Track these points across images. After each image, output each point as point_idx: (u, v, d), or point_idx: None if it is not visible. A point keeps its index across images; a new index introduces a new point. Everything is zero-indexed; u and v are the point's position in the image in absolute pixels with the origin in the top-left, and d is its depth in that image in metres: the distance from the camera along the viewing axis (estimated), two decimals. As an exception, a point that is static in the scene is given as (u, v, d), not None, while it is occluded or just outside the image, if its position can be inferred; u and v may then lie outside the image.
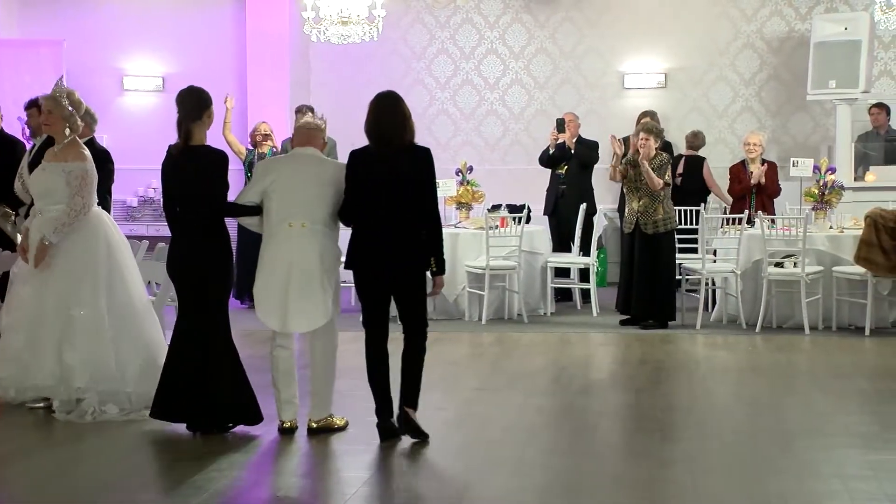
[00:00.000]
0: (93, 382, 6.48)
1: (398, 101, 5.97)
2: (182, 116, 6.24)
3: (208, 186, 6.19)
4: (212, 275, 6.19)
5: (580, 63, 13.68)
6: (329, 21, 11.33)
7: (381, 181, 5.90)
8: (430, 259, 6.01)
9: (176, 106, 6.30)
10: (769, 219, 9.99)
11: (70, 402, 6.51)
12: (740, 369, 8.24)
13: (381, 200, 5.91)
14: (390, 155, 5.90)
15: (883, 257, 9.35)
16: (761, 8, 13.37)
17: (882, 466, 5.44)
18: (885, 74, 13.15)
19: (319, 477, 5.45)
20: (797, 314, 9.75)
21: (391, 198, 5.89)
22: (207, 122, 6.28)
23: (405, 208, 5.90)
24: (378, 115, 5.94)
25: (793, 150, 12.93)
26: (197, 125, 6.23)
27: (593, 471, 5.56)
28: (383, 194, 5.91)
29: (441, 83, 13.95)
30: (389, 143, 5.90)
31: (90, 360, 6.50)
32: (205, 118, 6.25)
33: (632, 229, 9.87)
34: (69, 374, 6.49)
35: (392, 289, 6.08)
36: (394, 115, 5.92)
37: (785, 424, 6.41)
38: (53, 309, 6.55)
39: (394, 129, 5.90)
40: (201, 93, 6.31)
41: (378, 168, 5.91)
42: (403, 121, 5.92)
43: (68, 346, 6.51)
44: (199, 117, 6.23)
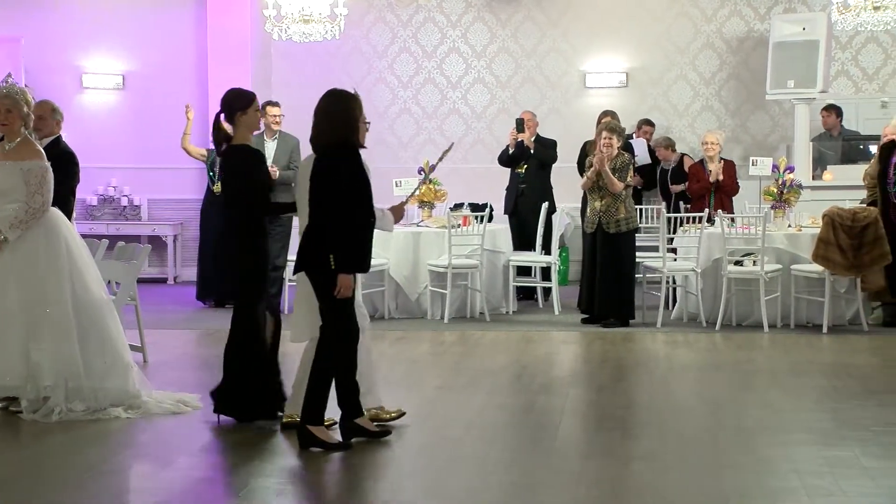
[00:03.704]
0: (60, 380, 6.44)
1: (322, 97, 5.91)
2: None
3: (238, 184, 6.28)
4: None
5: (542, 62, 13.73)
6: (291, 19, 11.31)
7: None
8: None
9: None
10: (729, 217, 10.08)
11: (37, 401, 6.46)
12: (700, 367, 8.31)
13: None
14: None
15: (840, 255, 9.45)
16: (721, 8, 13.49)
17: (838, 462, 5.51)
18: (843, 74, 13.30)
19: (280, 476, 5.44)
20: (756, 312, 9.84)
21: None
22: (241, 119, 6.27)
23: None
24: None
25: (752, 149, 13.06)
26: (234, 125, 6.28)
27: (555, 468, 5.60)
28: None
29: (403, 82, 13.96)
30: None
31: (57, 358, 6.45)
32: (238, 117, 6.27)
33: (594, 229, 9.92)
34: (37, 373, 6.44)
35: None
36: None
37: (744, 421, 6.47)
38: (19, 308, 6.50)
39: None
40: (231, 95, 6.40)
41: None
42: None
43: (35, 345, 6.46)
44: (231, 118, 6.29)
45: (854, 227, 9.44)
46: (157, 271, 13.71)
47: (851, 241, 9.45)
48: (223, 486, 5.26)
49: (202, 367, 8.50)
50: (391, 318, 10.58)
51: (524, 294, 11.57)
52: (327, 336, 5.78)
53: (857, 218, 9.48)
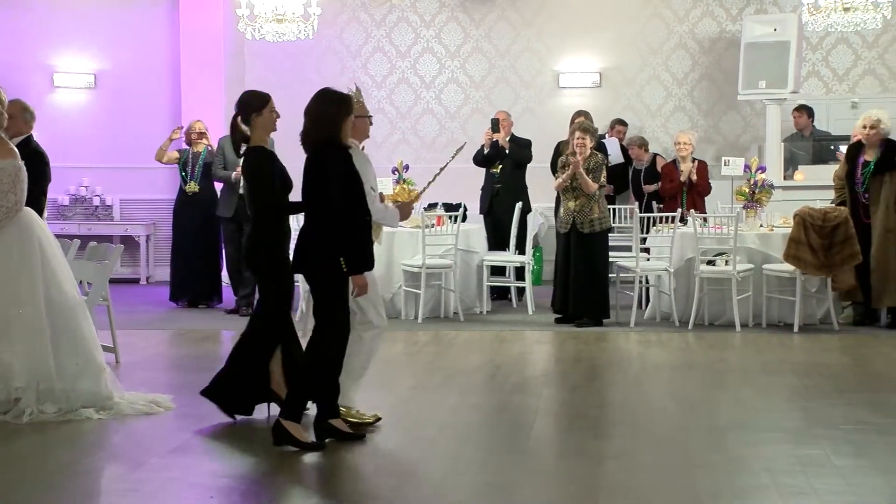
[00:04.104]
0: (32, 382, 6.40)
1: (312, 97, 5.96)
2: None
3: (250, 184, 6.29)
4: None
5: (515, 62, 13.76)
6: (264, 19, 11.29)
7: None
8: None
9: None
10: (701, 217, 10.13)
11: (8, 403, 6.41)
12: (673, 366, 8.34)
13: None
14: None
15: (811, 255, 9.52)
16: (693, 9, 13.55)
17: (809, 461, 5.55)
18: (814, 75, 13.40)
19: (252, 477, 5.42)
20: (728, 311, 9.90)
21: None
22: (257, 120, 6.26)
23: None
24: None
25: (724, 149, 13.14)
26: (249, 127, 6.28)
27: (528, 468, 5.61)
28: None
29: (377, 81, 13.95)
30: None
31: (29, 360, 6.41)
32: (253, 119, 6.26)
33: (568, 229, 9.95)
34: (8, 374, 6.39)
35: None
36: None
37: (716, 420, 6.51)
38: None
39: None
40: (246, 96, 6.39)
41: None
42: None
43: (7, 346, 6.41)
44: (246, 120, 6.28)
45: (825, 227, 9.51)
46: (129, 271, 13.64)
47: (822, 240, 9.52)
48: (195, 487, 5.24)
49: (175, 367, 8.47)
50: (365, 318, 10.54)
51: (498, 294, 11.60)
52: (326, 336, 5.79)
53: (828, 218, 9.55)
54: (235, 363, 6.43)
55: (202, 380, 7.73)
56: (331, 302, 5.79)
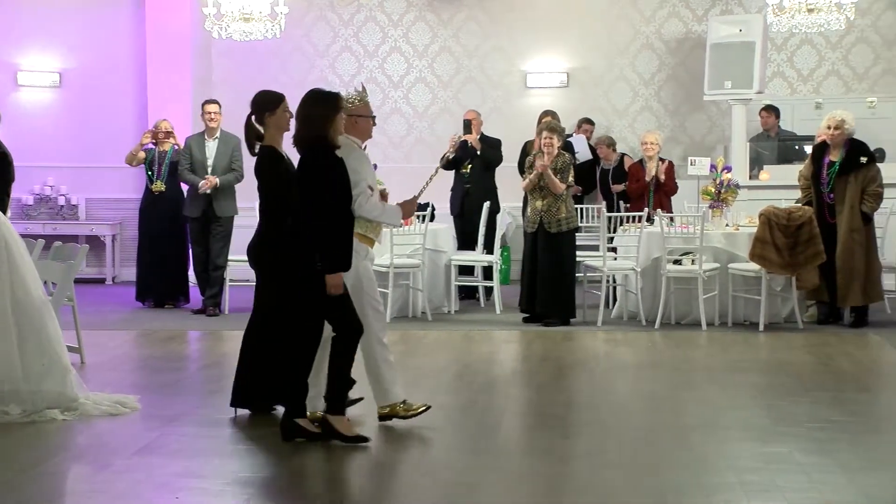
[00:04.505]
0: (-3, 382, 6.35)
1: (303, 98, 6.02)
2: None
3: (260, 183, 6.31)
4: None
5: (483, 62, 13.78)
6: (231, 18, 11.24)
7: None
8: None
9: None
10: (668, 217, 10.18)
11: (-27, 405, 6.36)
12: (640, 365, 8.39)
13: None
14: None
15: (776, 254, 9.59)
16: (659, 9, 13.62)
17: (774, 459, 5.60)
18: (778, 76, 13.50)
19: (219, 478, 5.40)
20: (695, 310, 9.95)
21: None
22: (270, 120, 6.27)
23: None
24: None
25: (690, 149, 13.21)
26: (263, 126, 6.30)
27: (495, 467, 5.62)
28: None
29: (345, 81, 13.88)
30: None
31: (-4, 360, 6.36)
32: (266, 118, 6.28)
33: (535, 228, 9.97)
34: (-26, 375, 6.34)
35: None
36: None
37: (682, 419, 6.55)
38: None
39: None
40: (259, 95, 6.44)
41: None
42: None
43: (-27, 347, 6.36)
44: (260, 119, 6.30)
45: (790, 227, 9.59)
46: (95, 271, 13.54)
47: (787, 239, 9.59)
48: (161, 488, 5.22)
49: (141, 367, 8.43)
50: (333, 317, 10.53)
51: (466, 293, 11.60)
52: (339, 332, 5.90)
53: (793, 217, 9.62)
54: (242, 360, 6.52)
55: (168, 380, 7.73)
56: (334, 301, 5.85)
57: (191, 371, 8.40)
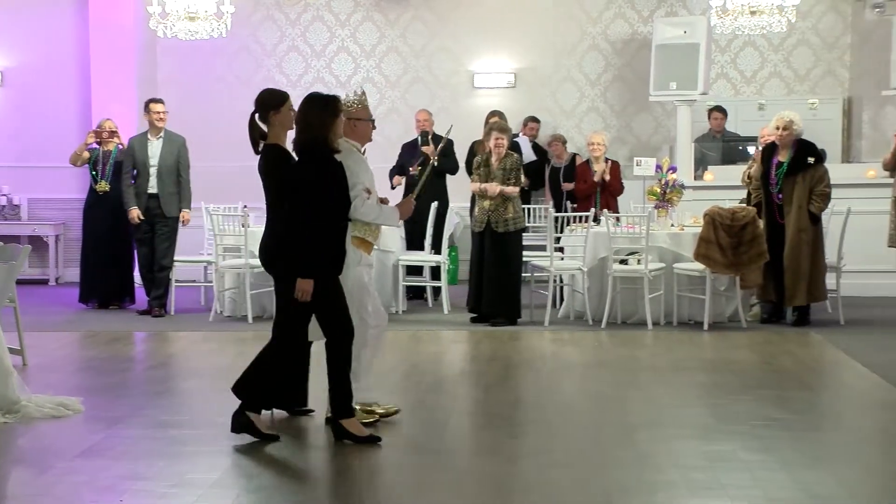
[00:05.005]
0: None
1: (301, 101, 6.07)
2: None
3: (266, 182, 6.23)
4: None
5: (431, 62, 13.79)
6: (176, 16, 11.14)
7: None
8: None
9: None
10: (614, 217, 10.25)
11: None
12: (586, 364, 8.44)
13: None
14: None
15: (720, 254, 9.69)
16: (605, 10, 13.71)
17: (718, 457, 5.66)
18: (722, 77, 13.64)
19: (162, 479, 5.36)
20: (640, 310, 10.03)
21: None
22: (275, 118, 6.19)
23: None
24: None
25: (636, 149, 13.31)
26: (267, 125, 6.22)
27: (443, 467, 5.63)
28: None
29: (292, 81, 13.86)
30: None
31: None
32: (271, 116, 6.19)
33: (483, 228, 10.00)
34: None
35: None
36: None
37: (627, 418, 6.60)
38: None
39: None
40: (264, 94, 6.33)
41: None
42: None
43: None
44: (264, 118, 6.22)
45: (733, 227, 9.69)
46: (38, 272, 13.37)
47: (731, 239, 9.69)
48: (104, 490, 5.17)
49: (84, 369, 8.33)
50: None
51: (414, 293, 11.60)
52: (336, 335, 5.93)
53: (737, 217, 9.72)
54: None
55: (113, 382, 7.66)
56: (330, 301, 5.88)
57: (136, 372, 8.32)
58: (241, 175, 13.45)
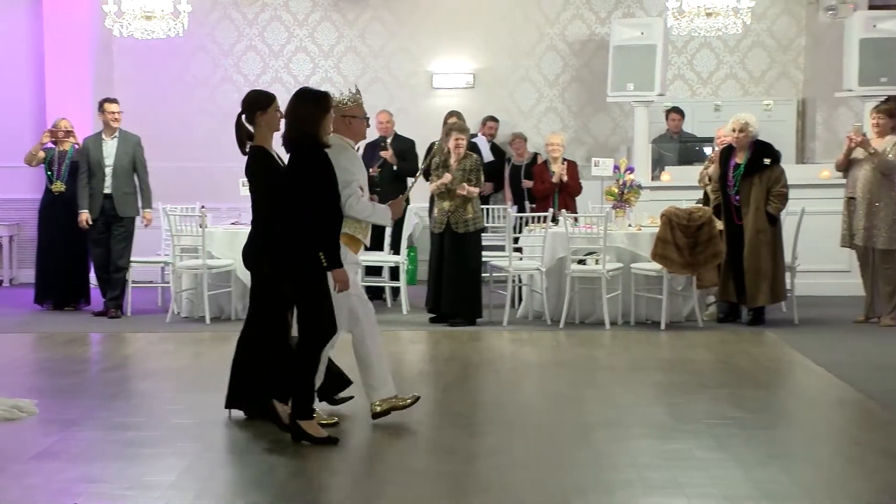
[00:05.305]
0: None
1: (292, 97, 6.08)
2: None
3: (251, 184, 6.28)
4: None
5: (390, 62, 13.78)
6: (132, 15, 11.05)
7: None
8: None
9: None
10: (572, 217, 10.30)
11: None
12: (544, 364, 8.47)
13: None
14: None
15: (677, 254, 9.76)
16: (563, 11, 13.76)
17: (673, 455, 5.71)
18: (679, 78, 13.74)
19: (117, 482, 5.32)
20: (598, 310, 10.08)
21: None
22: (262, 119, 6.21)
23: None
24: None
25: (594, 149, 13.38)
26: (254, 126, 6.23)
27: (401, 466, 5.64)
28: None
29: (250, 81, 13.81)
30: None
31: None
32: (257, 117, 6.21)
33: (442, 229, 10.01)
34: None
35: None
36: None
37: (585, 417, 6.63)
38: None
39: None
40: (251, 95, 6.37)
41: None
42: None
43: None
44: (251, 118, 6.24)
45: (690, 227, 9.76)
46: (-8, 273, 13.23)
47: (687, 239, 9.76)
48: (58, 493, 5.12)
49: (39, 371, 8.25)
50: (238, 318, 10.44)
51: (373, 294, 11.56)
52: (310, 334, 5.96)
53: (693, 217, 9.80)
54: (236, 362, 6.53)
55: (68, 383, 7.59)
56: (316, 301, 5.89)
57: (91, 374, 8.25)
58: (197, 175, 13.46)
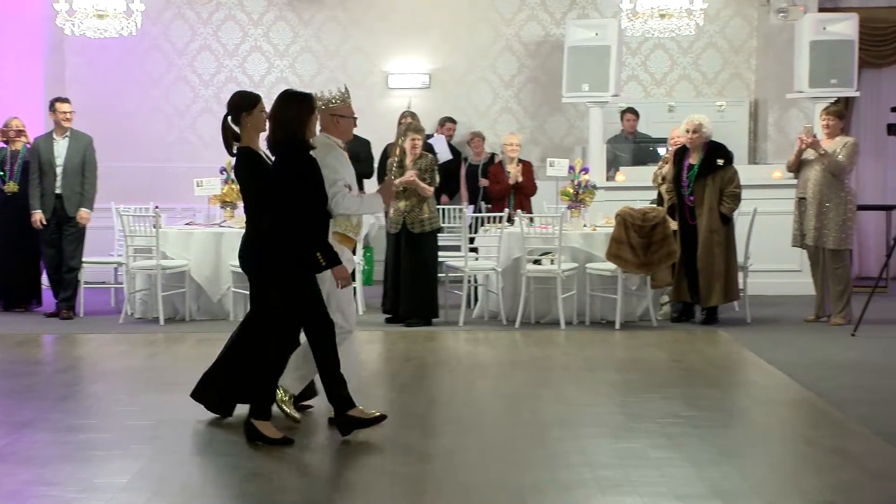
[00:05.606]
0: None
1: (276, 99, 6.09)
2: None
3: (240, 185, 6.27)
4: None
5: (345, 62, 13.76)
6: (84, 14, 10.95)
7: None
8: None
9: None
10: (528, 217, 10.34)
11: None
12: (500, 364, 8.50)
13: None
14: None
15: (632, 254, 9.83)
16: (518, 12, 13.81)
17: (627, 454, 5.75)
18: (633, 79, 13.84)
19: (72, 484, 5.28)
20: (554, 309, 10.13)
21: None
22: (247, 120, 6.17)
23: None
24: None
25: (549, 150, 13.44)
26: (240, 127, 6.20)
27: (356, 466, 5.65)
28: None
29: (205, 80, 13.75)
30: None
31: None
32: (243, 118, 6.18)
33: (398, 229, 10.01)
34: None
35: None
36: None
37: (540, 416, 6.66)
38: None
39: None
40: (236, 96, 6.33)
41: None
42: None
43: None
44: (237, 119, 6.22)
45: (644, 227, 9.83)
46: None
47: (642, 239, 9.83)
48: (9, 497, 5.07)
49: (-10, 374, 8.16)
50: (192, 319, 10.41)
51: (328, 294, 11.55)
52: (316, 335, 6.01)
53: (647, 218, 9.87)
54: (222, 363, 6.49)
55: (19, 385, 7.51)
56: (302, 304, 5.92)
57: (44, 375, 8.16)
58: (151, 175, 13.38)
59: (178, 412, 6.58)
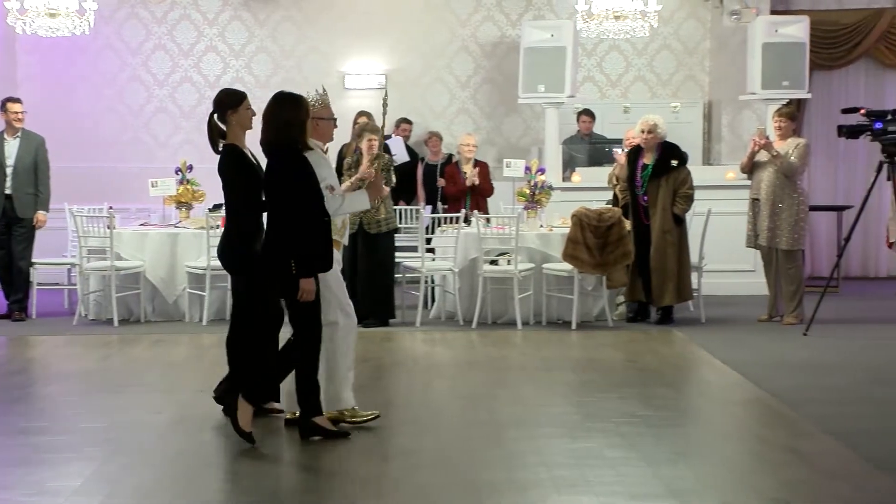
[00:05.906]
0: None
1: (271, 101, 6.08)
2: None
3: (224, 182, 6.30)
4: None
5: (301, 62, 13.72)
6: (35, 13, 10.83)
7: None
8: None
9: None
10: (484, 218, 10.36)
11: None
12: (457, 364, 8.51)
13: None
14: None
15: (588, 254, 9.87)
16: (474, 13, 13.84)
17: (583, 454, 5.78)
18: (589, 80, 13.91)
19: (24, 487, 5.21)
20: (511, 310, 10.16)
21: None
22: (233, 118, 6.24)
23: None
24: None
25: (506, 150, 13.47)
26: (226, 124, 6.25)
27: (313, 468, 5.63)
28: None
29: (159, 80, 13.65)
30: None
31: None
32: (228, 116, 6.24)
33: (355, 230, 9.99)
34: None
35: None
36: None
37: (496, 416, 6.68)
38: None
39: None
40: (221, 94, 6.40)
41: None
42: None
43: None
44: (223, 117, 6.26)
45: (600, 227, 9.88)
46: None
47: (597, 240, 9.88)
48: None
49: (-59, 377, 8.05)
50: (148, 321, 10.33)
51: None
52: (310, 334, 6.03)
53: (603, 218, 9.92)
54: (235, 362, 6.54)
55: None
56: (301, 304, 5.91)
57: (-5, 379, 8.07)
58: (105, 176, 13.25)
59: (132, 414, 6.52)
